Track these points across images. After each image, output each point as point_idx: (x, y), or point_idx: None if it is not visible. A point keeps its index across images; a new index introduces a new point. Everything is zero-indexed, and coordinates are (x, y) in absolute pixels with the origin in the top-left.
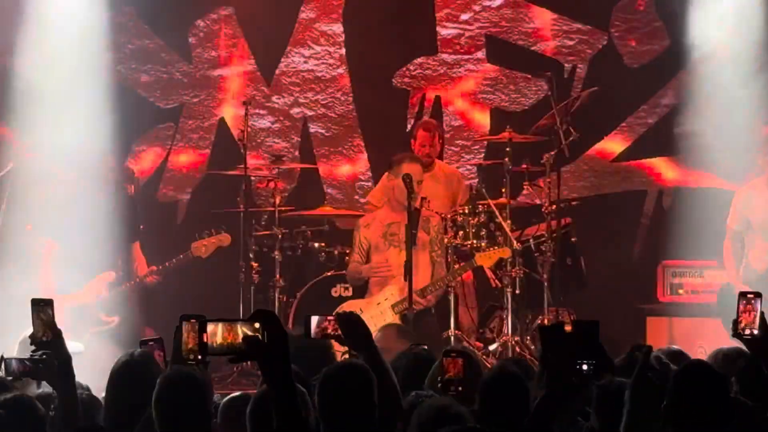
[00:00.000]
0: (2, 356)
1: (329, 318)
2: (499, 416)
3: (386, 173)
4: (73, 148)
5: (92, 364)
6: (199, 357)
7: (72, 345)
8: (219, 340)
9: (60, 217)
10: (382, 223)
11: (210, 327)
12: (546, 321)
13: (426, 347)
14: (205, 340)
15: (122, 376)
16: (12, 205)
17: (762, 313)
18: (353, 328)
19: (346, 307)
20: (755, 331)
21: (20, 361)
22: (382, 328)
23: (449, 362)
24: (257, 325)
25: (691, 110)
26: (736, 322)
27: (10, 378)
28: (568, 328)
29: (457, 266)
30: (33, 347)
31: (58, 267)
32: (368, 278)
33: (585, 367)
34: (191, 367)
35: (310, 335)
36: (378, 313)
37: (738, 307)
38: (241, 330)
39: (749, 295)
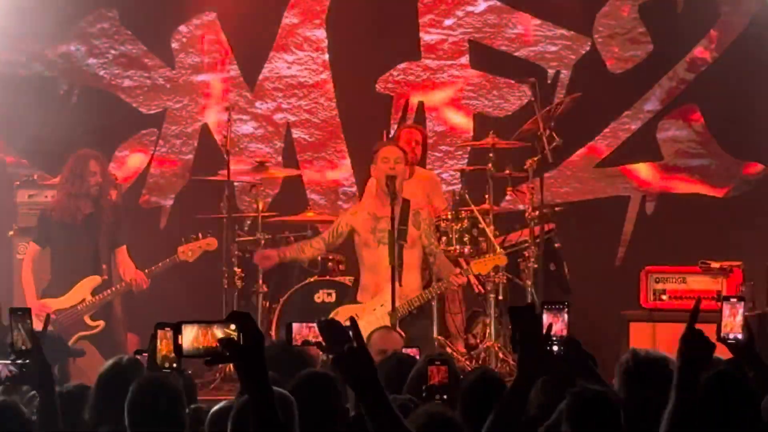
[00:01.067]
0: None
1: (310, 325)
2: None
3: (372, 166)
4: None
5: (77, 368)
6: (174, 365)
7: None
8: (195, 342)
9: (43, 221)
10: (371, 214)
11: (185, 329)
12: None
13: (418, 348)
14: (180, 342)
15: (109, 380)
16: None
17: (745, 318)
18: (334, 335)
19: (341, 311)
20: (738, 336)
21: (4, 365)
22: (374, 330)
23: (433, 370)
24: (233, 326)
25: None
26: (719, 327)
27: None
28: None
29: (454, 274)
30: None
31: (42, 271)
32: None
33: (555, 348)
34: (166, 374)
35: (292, 342)
36: (374, 319)
37: (721, 312)
38: (217, 332)
39: (732, 299)
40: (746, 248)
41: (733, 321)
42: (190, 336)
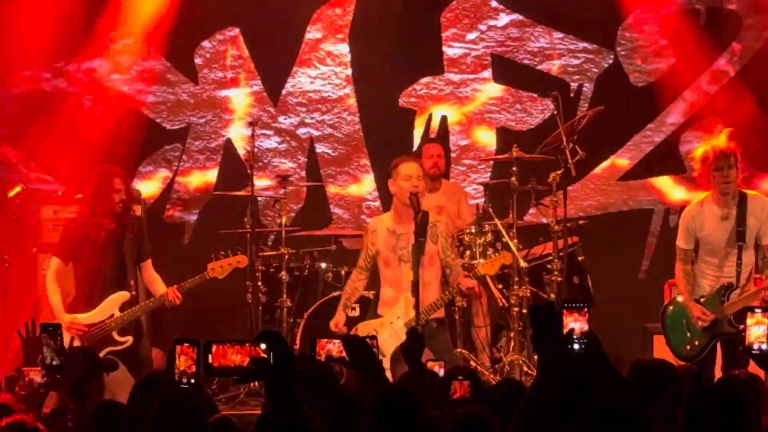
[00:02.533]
0: (21, 369)
1: (334, 341)
2: None
3: (389, 181)
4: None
5: (112, 385)
6: (192, 380)
7: None
8: (225, 360)
9: (67, 237)
10: (390, 231)
11: (215, 348)
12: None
13: (443, 362)
14: (210, 360)
15: (145, 389)
16: (20, 226)
17: None
18: (358, 351)
19: (360, 328)
20: (763, 346)
21: (40, 374)
22: (396, 350)
23: (456, 385)
24: (263, 345)
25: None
26: (743, 337)
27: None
28: None
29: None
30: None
31: (65, 287)
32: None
33: (576, 346)
34: (187, 390)
35: (316, 358)
36: (393, 332)
37: (745, 321)
38: (247, 351)
39: (757, 310)
40: None
41: (758, 331)
42: (221, 354)
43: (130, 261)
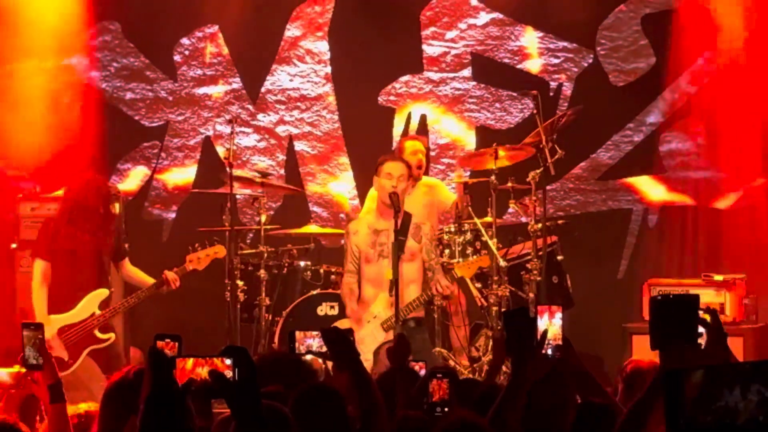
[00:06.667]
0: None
1: (313, 334)
2: None
3: (374, 177)
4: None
5: (89, 381)
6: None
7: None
8: (191, 375)
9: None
10: (371, 229)
11: (180, 363)
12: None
13: (425, 362)
14: (174, 376)
15: (118, 391)
16: None
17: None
18: (338, 344)
19: (338, 326)
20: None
21: (9, 376)
22: (377, 349)
23: (434, 385)
24: (228, 361)
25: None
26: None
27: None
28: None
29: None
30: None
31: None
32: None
33: (550, 351)
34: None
35: (294, 351)
36: (369, 331)
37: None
38: (212, 366)
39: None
40: (749, 261)
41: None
42: (186, 369)
43: (108, 260)
